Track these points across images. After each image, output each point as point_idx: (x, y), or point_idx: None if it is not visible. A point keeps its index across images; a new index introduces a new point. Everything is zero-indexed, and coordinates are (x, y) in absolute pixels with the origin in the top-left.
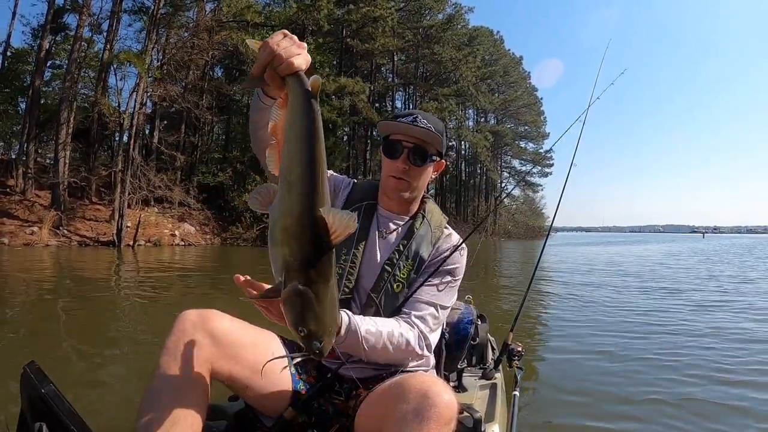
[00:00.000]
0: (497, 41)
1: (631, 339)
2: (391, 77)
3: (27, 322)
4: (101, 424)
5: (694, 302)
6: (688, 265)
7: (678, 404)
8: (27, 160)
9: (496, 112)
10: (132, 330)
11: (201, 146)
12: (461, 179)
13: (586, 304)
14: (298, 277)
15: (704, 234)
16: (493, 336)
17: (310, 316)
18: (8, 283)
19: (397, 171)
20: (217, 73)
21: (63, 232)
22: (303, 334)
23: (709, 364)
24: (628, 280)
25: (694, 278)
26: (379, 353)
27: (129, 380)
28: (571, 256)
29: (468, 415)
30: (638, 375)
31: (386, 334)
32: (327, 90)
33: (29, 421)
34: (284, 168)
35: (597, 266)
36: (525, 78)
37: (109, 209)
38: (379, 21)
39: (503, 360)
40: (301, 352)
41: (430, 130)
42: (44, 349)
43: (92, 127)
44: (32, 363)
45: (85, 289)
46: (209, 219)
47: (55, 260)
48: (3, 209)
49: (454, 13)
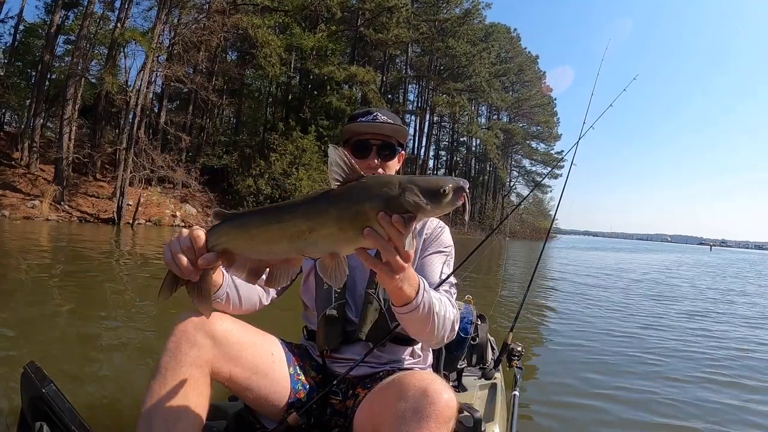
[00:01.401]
0: (514, 39)
1: (631, 340)
2: (405, 69)
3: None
4: (101, 423)
5: (688, 312)
6: (689, 276)
7: (678, 404)
8: (33, 133)
9: (509, 110)
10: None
11: (209, 128)
12: (471, 176)
13: (587, 306)
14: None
15: (711, 247)
16: (493, 336)
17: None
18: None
19: (369, 168)
20: (231, 56)
21: (64, 207)
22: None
23: (708, 370)
24: (629, 284)
25: (691, 288)
26: (440, 322)
27: (128, 378)
28: (575, 259)
29: (468, 414)
30: (638, 375)
31: (442, 299)
32: (337, 78)
33: (29, 420)
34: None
35: (598, 270)
36: (540, 77)
37: (112, 186)
38: (393, 11)
39: (503, 360)
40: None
41: (393, 124)
42: (29, 343)
43: (99, 103)
44: (32, 363)
45: (73, 268)
46: (212, 201)
47: (50, 234)
48: (7, 182)
49: (471, 7)
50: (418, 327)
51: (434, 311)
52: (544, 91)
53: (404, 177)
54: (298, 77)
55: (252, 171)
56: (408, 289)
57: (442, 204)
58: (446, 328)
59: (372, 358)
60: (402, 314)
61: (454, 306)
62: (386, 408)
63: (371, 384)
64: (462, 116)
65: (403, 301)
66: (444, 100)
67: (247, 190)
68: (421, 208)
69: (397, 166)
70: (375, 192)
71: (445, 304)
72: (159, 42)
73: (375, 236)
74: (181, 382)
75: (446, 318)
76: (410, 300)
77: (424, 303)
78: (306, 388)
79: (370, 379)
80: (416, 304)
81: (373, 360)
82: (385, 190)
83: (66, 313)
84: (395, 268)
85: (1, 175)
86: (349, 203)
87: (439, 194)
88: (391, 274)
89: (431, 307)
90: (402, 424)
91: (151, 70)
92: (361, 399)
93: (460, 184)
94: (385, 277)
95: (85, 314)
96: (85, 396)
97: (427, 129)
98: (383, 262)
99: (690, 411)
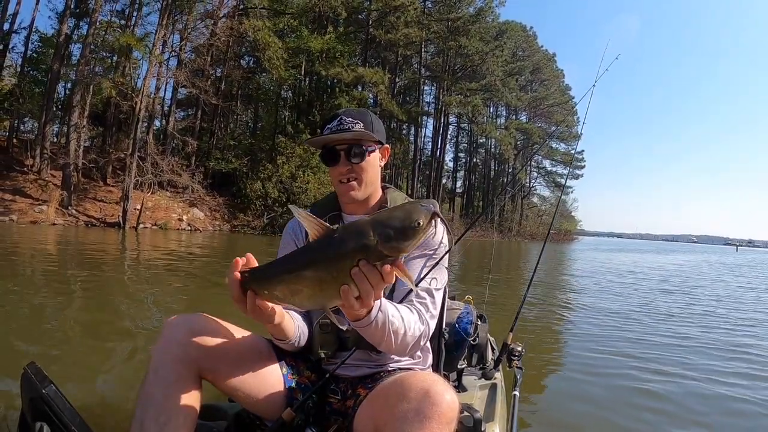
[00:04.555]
0: (530, 37)
1: (631, 341)
2: (422, 70)
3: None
4: (101, 424)
5: (695, 310)
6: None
7: (677, 405)
8: (44, 140)
9: (527, 109)
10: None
11: (217, 133)
12: (489, 177)
13: (588, 307)
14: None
15: (737, 247)
16: (497, 335)
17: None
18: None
19: (341, 175)
20: (249, 62)
21: (71, 211)
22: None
23: (709, 370)
24: (634, 285)
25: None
26: (398, 339)
27: (128, 374)
28: (591, 261)
29: (468, 414)
30: (638, 376)
31: (405, 318)
32: (344, 80)
33: (29, 421)
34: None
35: (610, 272)
36: (558, 76)
37: (120, 191)
38: (401, 10)
39: (503, 360)
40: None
41: (355, 129)
42: (29, 344)
43: (108, 110)
44: (32, 364)
45: (72, 271)
46: (220, 205)
47: (51, 238)
48: (17, 187)
49: (484, 5)
50: (373, 340)
51: (389, 329)
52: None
53: (376, 220)
54: (307, 80)
55: (260, 174)
56: (359, 309)
57: (417, 237)
58: (407, 343)
59: (370, 360)
60: (355, 327)
61: (423, 321)
62: (388, 408)
63: (372, 384)
64: (478, 117)
65: (353, 317)
66: (457, 100)
67: (255, 194)
68: (400, 250)
69: (378, 162)
70: (351, 246)
71: (408, 321)
72: (165, 48)
73: (352, 291)
74: (171, 382)
75: (407, 334)
76: (360, 317)
77: (376, 321)
78: (301, 388)
79: (370, 380)
80: (367, 321)
81: (372, 361)
82: (362, 242)
83: (66, 313)
84: (364, 305)
85: (13, 181)
86: (327, 265)
87: (413, 230)
88: (352, 306)
89: (386, 324)
90: (404, 425)
91: (158, 76)
92: (362, 399)
93: (431, 210)
94: (345, 307)
95: (86, 314)
96: (86, 396)
97: (442, 130)
98: (351, 305)
99: (698, 412)
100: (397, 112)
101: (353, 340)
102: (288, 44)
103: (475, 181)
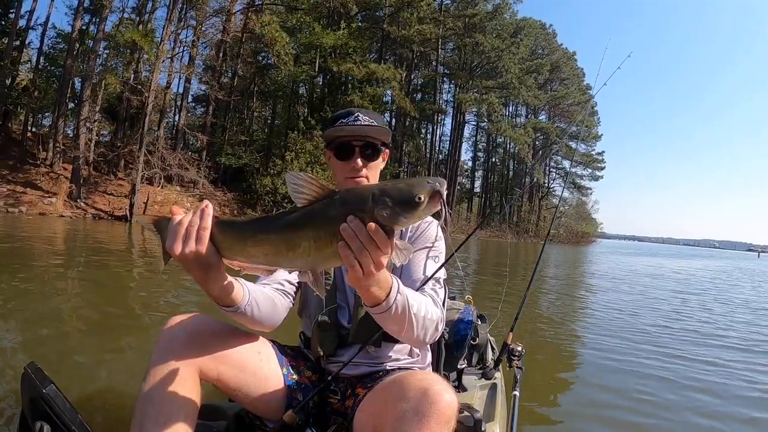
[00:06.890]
0: (549, 35)
1: (631, 341)
2: (439, 67)
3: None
4: (101, 424)
5: (699, 316)
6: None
7: (677, 404)
8: (56, 134)
9: (546, 109)
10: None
11: (230, 128)
12: (508, 177)
13: (591, 307)
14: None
15: (759, 253)
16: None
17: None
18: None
19: (352, 171)
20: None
21: (80, 204)
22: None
23: (708, 371)
24: (640, 288)
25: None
26: (419, 323)
27: (129, 373)
28: (606, 265)
29: (468, 414)
30: (638, 375)
31: (422, 300)
32: (356, 76)
33: (30, 421)
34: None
35: (619, 273)
36: (578, 75)
37: (130, 185)
38: (414, 6)
39: (503, 360)
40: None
41: (375, 125)
42: (30, 344)
43: (120, 105)
44: (32, 363)
45: (72, 264)
46: (230, 201)
47: (57, 230)
48: (29, 180)
49: (501, 2)
50: (394, 327)
51: (411, 312)
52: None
53: (378, 187)
54: (321, 77)
55: (270, 170)
56: (377, 291)
57: (417, 213)
58: (427, 329)
59: (369, 358)
60: (375, 314)
61: (438, 306)
62: (387, 408)
63: (371, 384)
64: (493, 115)
65: (372, 302)
66: (471, 98)
67: (264, 189)
68: (396, 221)
69: (381, 165)
70: (349, 207)
71: (426, 305)
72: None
73: (348, 249)
74: (170, 383)
75: (426, 318)
76: (380, 301)
77: (396, 305)
78: (302, 388)
79: (369, 379)
80: (387, 305)
81: (371, 360)
82: (359, 204)
83: (65, 313)
84: (365, 273)
85: (26, 174)
86: (324, 221)
87: (413, 203)
88: (359, 278)
89: (406, 308)
90: (403, 424)
91: (169, 72)
92: (362, 398)
93: (436, 188)
94: (353, 279)
95: (87, 312)
96: (86, 396)
97: (457, 128)
98: (351, 265)
99: (699, 412)
100: (410, 109)
101: (352, 338)
102: (300, 40)
103: (494, 180)
